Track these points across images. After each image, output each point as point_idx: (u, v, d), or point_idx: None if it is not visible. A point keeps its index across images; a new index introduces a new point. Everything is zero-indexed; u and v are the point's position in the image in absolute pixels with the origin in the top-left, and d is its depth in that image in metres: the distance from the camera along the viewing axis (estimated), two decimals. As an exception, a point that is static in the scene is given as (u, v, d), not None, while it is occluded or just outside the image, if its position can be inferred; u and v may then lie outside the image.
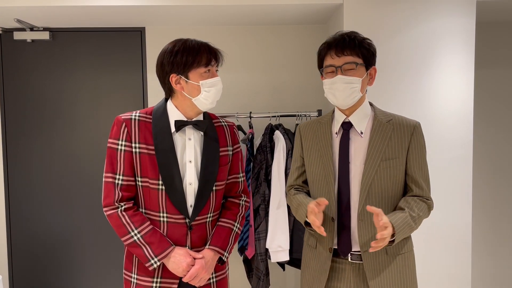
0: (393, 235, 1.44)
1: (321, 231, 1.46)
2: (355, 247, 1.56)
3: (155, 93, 2.92)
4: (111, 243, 2.97)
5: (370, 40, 1.58)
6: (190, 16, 2.65)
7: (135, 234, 1.52)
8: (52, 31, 2.88)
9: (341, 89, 1.52)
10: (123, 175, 1.54)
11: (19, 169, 2.94)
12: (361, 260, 1.55)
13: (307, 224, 1.59)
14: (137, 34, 2.93)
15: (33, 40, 2.88)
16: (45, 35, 2.85)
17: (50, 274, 2.99)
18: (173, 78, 1.55)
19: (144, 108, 2.93)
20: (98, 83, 2.94)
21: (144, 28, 2.91)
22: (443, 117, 2.46)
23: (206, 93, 1.54)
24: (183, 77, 1.54)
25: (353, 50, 1.52)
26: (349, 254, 1.57)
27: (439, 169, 2.45)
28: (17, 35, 2.84)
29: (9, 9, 2.42)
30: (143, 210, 1.58)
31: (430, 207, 1.58)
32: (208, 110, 1.63)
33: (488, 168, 3.11)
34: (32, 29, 2.85)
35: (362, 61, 1.54)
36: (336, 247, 1.58)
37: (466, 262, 2.49)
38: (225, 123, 1.71)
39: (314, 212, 1.47)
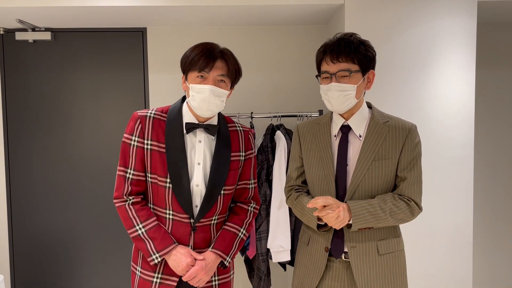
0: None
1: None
2: (348, 247, 1.56)
3: (156, 94, 2.92)
4: (112, 243, 2.98)
5: (368, 43, 1.56)
6: (191, 16, 2.65)
7: (140, 228, 1.55)
8: (53, 31, 2.89)
9: (335, 97, 1.52)
10: (133, 170, 1.58)
11: (21, 170, 2.95)
12: None
13: (319, 226, 1.59)
14: (139, 35, 2.93)
15: (34, 41, 2.89)
16: (47, 36, 2.85)
17: (51, 274, 3.00)
18: (183, 77, 1.61)
19: (145, 108, 2.94)
20: (100, 84, 2.94)
21: (145, 28, 2.92)
22: (444, 117, 2.46)
23: (192, 97, 1.55)
24: (185, 78, 1.59)
25: (348, 56, 1.50)
26: (342, 255, 1.58)
27: (440, 169, 2.45)
28: (19, 36, 2.85)
29: (11, 9, 2.43)
30: (151, 206, 1.61)
31: (412, 208, 1.55)
32: (205, 117, 1.59)
33: (489, 168, 3.11)
34: (33, 29, 2.86)
35: (358, 68, 1.52)
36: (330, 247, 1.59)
37: (467, 262, 2.49)
38: (241, 128, 1.72)
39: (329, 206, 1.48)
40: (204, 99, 1.52)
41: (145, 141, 1.57)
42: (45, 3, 2.37)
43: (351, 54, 1.50)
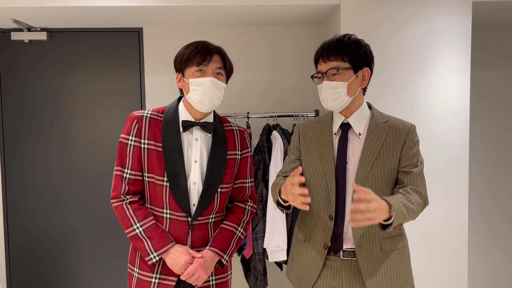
0: (388, 219, 1.41)
1: (301, 201, 1.39)
2: (347, 245, 1.58)
3: (152, 94, 2.92)
4: (109, 243, 2.98)
5: (360, 42, 1.59)
6: (187, 16, 2.65)
7: (137, 228, 1.55)
8: (49, 31, 2.88)
9: (327, 95, 1.58)
10: (131, 169, 1.59)
11: (17, 170, 2.94)
12: (354, 257, 1.57)
13: (279, 203, 1.60)
14: (135, 35, 2.93)
15: (30, 41, 2.88)
16: (43, 36, 2.85)
17: (48, 274, 2.99)
18: (178, 76, 1.63)
19: (142, 108, 2.94)
20: (96, 84, 2.94)
21: (141, 28, 2.92)
22: (439, 117, 2.47)
23: (193, 92, 1.56)
24: (182, 75, 1.61)
25: (337, 55, 1.56)
26: (340, 252, 1.59)
27: (435, 169, 2.46)
28: (15, 36, 2.84)
29: (7, 9, 2.42)
30: (148, 206, 1.62)
31: (425, 200, 1.57)
32: (205, 111, 1.61)
33: (484, 168, 3.13)
34: (29, 29, 2.85)
35: (348, 65, 1.56)
36: (330, 244, 1.59)
37: (462, 261, 2.50)
38: (236, 128, 1.74)
39: (293, 182, 1.41)
40: (206, 90, 1.55)
41: (142, 141, 1.58)
42: (41, 3, 2.37)
43: (341, 52, 1.56)
